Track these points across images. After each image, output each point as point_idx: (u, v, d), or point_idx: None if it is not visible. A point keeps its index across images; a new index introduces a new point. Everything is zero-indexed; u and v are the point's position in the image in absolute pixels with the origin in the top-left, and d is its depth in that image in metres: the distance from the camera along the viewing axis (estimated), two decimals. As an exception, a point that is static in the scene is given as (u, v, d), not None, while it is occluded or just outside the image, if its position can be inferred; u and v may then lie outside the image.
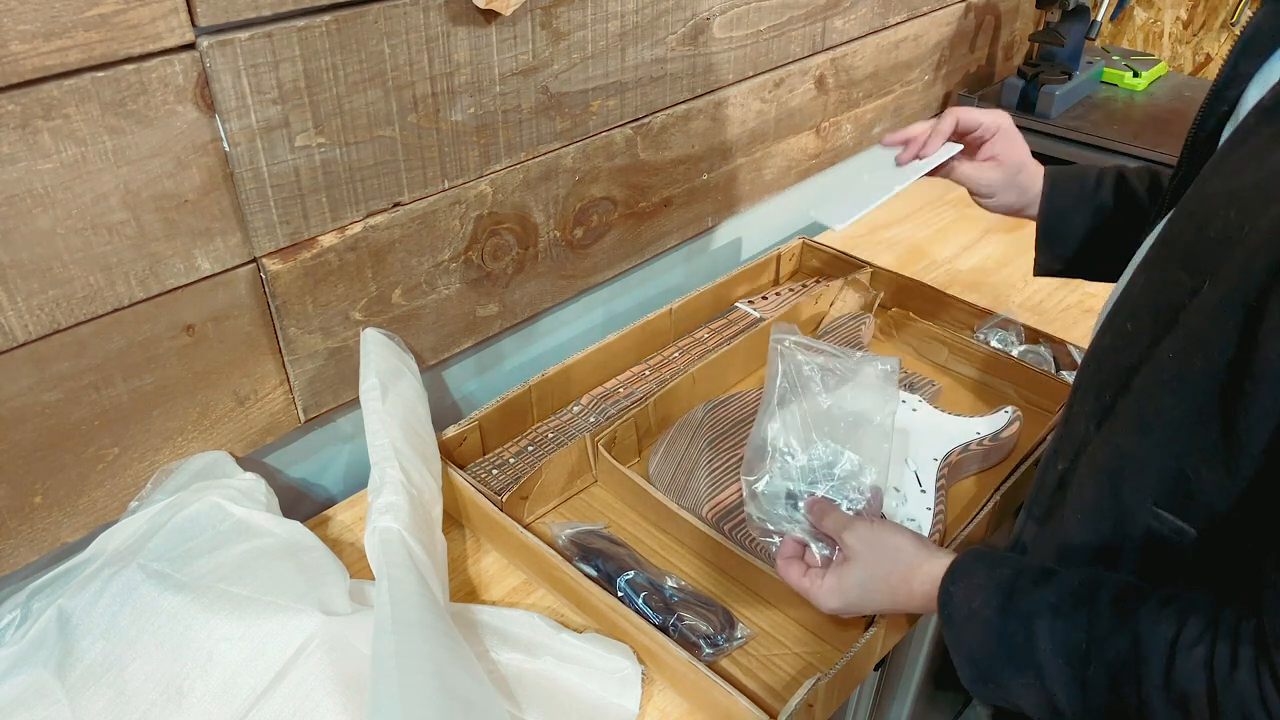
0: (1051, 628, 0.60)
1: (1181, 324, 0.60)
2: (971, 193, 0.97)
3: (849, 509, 0.82)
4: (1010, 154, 0.95)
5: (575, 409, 1.09)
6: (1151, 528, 0.63)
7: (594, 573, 0.87)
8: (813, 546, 0.80)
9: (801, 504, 0.82)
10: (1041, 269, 0.97)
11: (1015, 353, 1.18)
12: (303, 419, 0.95)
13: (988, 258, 1.44)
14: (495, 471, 1.00)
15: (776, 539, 0.83)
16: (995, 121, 0.95)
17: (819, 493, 0.82)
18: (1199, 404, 0.58)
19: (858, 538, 0.75)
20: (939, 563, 0.70)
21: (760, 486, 0.84)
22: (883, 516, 0.85)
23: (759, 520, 0.84)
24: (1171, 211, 0.67)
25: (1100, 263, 0.91)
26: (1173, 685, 0.54)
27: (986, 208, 0.98)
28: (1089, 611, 0.59)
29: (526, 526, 0.92)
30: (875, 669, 0.87)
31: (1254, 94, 0.63)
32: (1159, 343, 0.61)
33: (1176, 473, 0.61)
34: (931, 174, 0.96)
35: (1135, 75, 1.79)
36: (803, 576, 0.78)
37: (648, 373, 1.15)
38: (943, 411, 1.07)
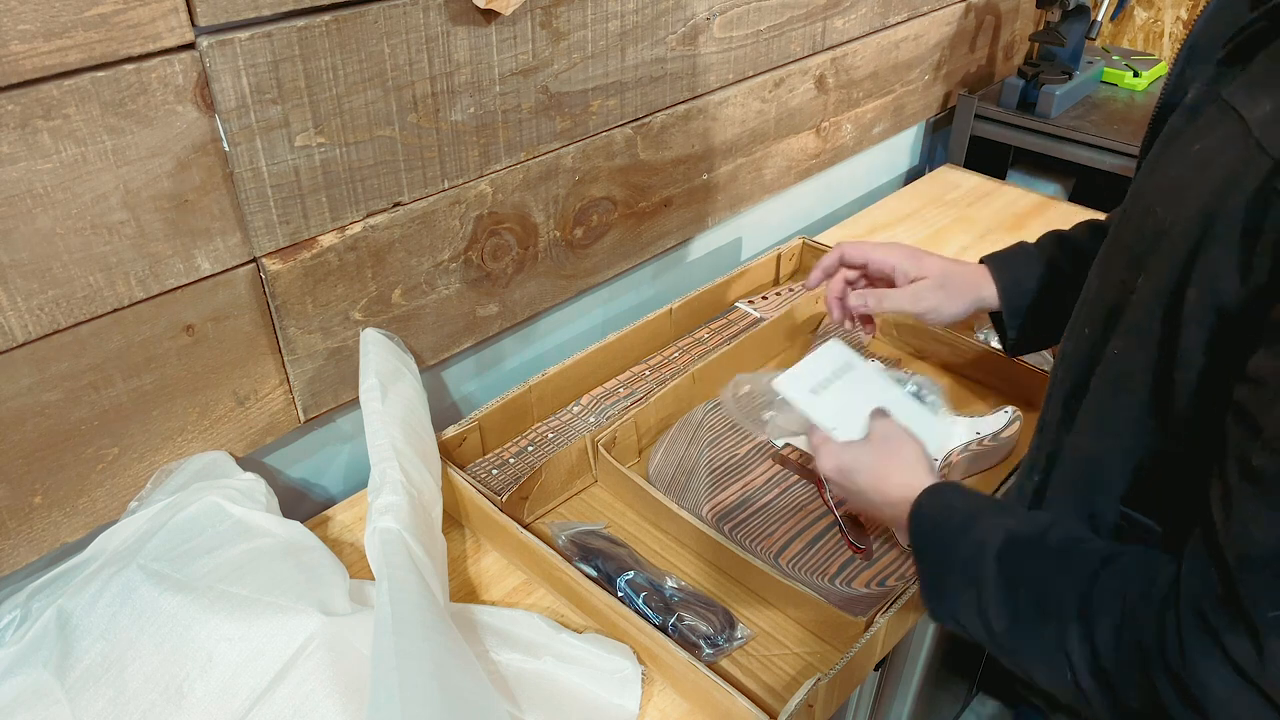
0: (999, 551, 0.63)
1: (1124, 321, 0.61)
2: (918, 317, 0.92)
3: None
4: (925, 269, 0.91)
5: (575, 409, 1.09)
6: (1121, 528, 0.65)
7: (594, 573, 0.87)
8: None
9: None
10: (1013, 347, 0.93)
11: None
12: (302, 419, 0.95)
13: (988, 258, 1.44)
14: (495, 471, 1.00)
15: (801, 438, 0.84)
16: (885, 254, 0.92)
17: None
18: (1144, 398, 0.60)
19: (883, 425, 0.80)
20: (924, 480, 0.73)
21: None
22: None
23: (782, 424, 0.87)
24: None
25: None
26: (1089, 617, 0.56)
27: (938, 323, 0.93)
28: (1036, 545, 0.62)
29: (526, 526, 0.92)
30: (875, 669, 0.87)
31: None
32: (1109, 342, 0.63)
33: (1136, 470, 0.62)
34: (866, 320, 0.97)
35: (1135, 75, 1.79)
36: (821, 438, 0.81)
37: (648, 373, 1.15)
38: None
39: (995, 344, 1.19)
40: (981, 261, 0.93)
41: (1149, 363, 0.59)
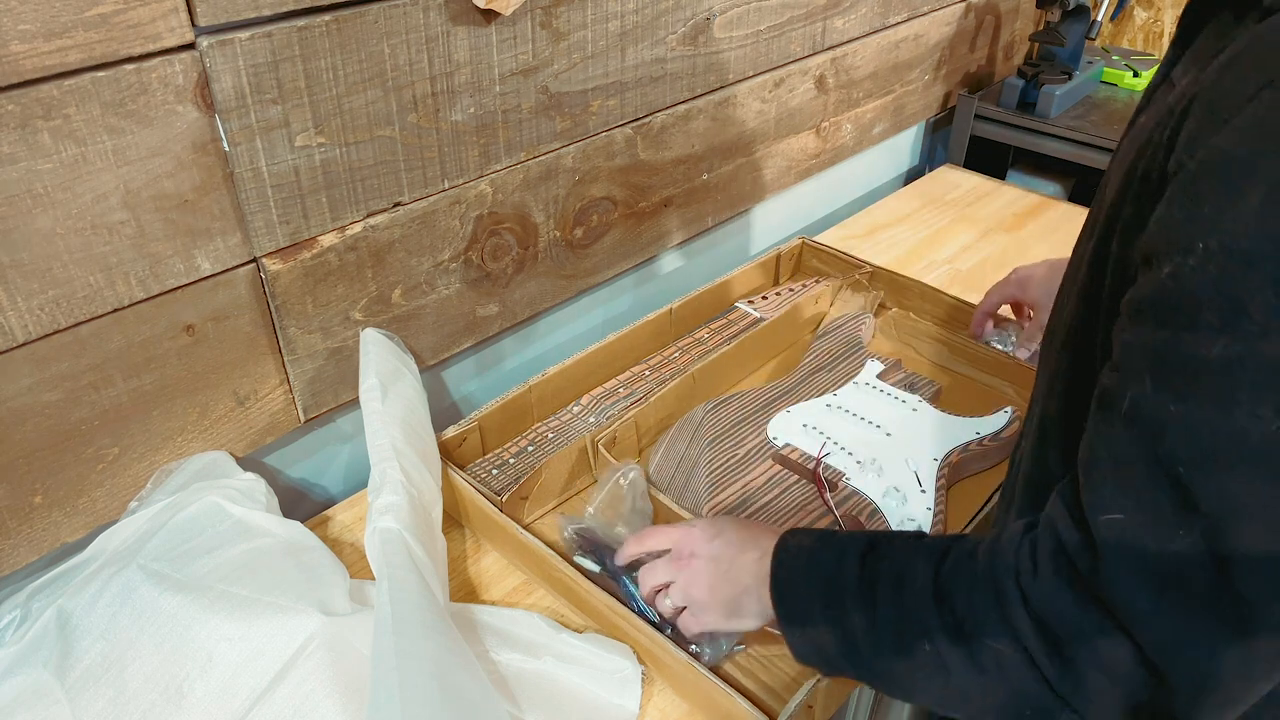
0: (860, 555, 0.63)
1: (1075, 284, 0.63)
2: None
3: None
4: (1035, 292, 1.06)
5: (575, 409, 1.09)
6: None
7: (597, 568, 0.87)
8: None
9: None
10: None
11: (1015, 353, 1.17)
12: (303, 419, 0.95)
13: (987, 258, 1.44)
14: (495, 471, 1.00)
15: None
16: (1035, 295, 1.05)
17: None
18: (1084, 357, 0.61)
19: (700, 527, 0.77)
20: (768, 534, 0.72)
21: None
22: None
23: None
24: None
25: None
26: (940, 579, 0.58)
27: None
28: (899, 541, 0.63)
29: (526, 526, 0.92)
30: (875, 669, 0.87)
31: None
32: (1067, 307, 0.65)
33: (1076, 425, 0.62)
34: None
35: (1135, 75, 1.79)
36: (681, 624, 0.77)
37: (648, 373, 1.15)
38: (943, 411, 1.07)
39: (995, 344, 1.19)
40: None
41: (1083, 321, 0.61)
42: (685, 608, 0.77)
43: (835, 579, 0.63)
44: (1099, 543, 0.50)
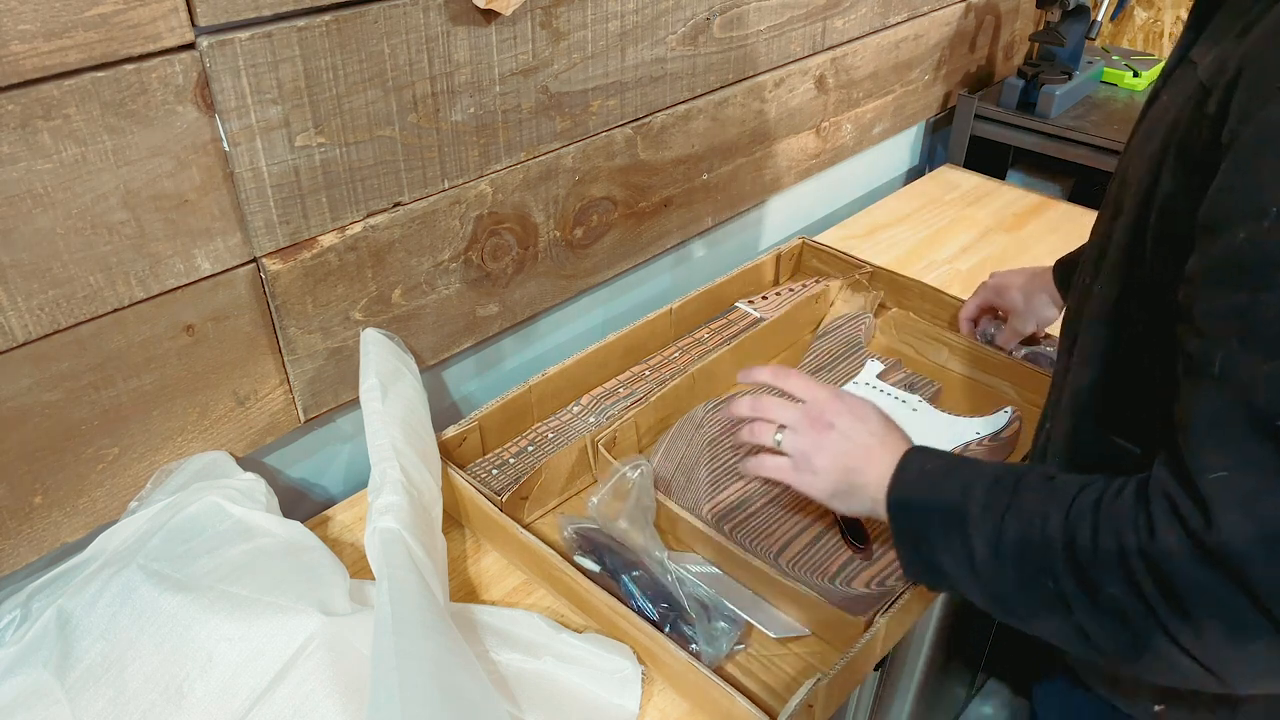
0: (987, 489, 0.66)
1: (1105, 262, 0.68)
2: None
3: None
4: (1012, 298, 1.12)
5: (575, 409, 1.09)
6: (1105, 454, 0.69)
7: (597, 568, 0.87)
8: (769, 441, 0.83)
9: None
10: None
11: (1015, 353, 1.18)
12: (303, 419, 0.95)
13: (987, 258, 1.44)
14: (495, 471, 1.00)
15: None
16: (1011, 302, 1.11)
17: None
18: (1117, 328, 0.67)
19: (824, 401, 0.80)
20: (898, 444, 0.77)
21: None
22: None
23: None
24: None
25: None
26: (1069, 524, 0.60)
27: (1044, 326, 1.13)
28: (1019, 481, 0.65)
29: (526, 526, 0.92)
30: (875, 669, 0.87)
31: None
32: (1095, 282, 0.70)
33: (1112, 397, 0.69)
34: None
35: (1135, 75, 1.79)
36: (775, 465, 0.82)
37: (648, 373, 1.15)
38: (943, 411, 1.07)
39: (992, 331, 1.19)
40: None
41: (1119, 294, 0.66)
42: (792, 459, 0.80)
43: (959, 507, 0.66)
44: (1208, 501, 0.52)
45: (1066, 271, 1.04)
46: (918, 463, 0.73)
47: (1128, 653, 0.58)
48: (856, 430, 0.78)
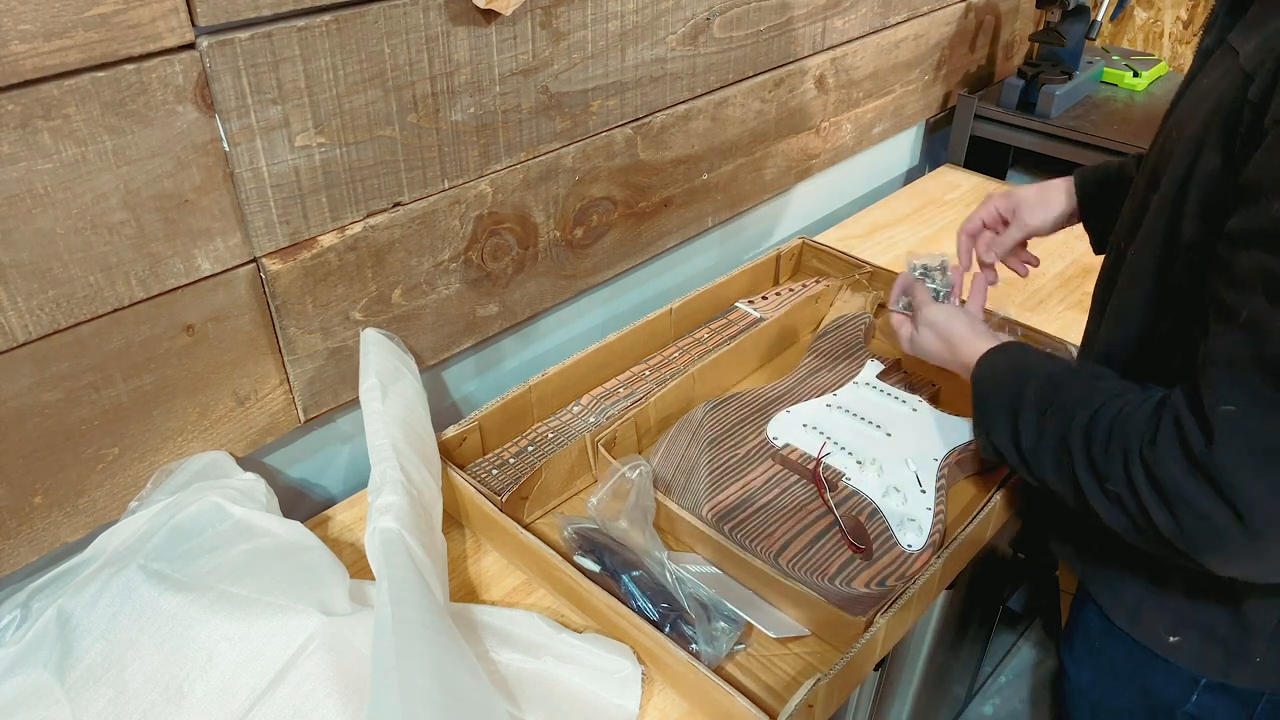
0: (1039, 386, 0.77)
1: (1142, 229, 0.75)
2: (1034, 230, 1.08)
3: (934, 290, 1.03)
4: (1027, 194, 1.07)
5: (575, 409, 1.09)
6: None
7: (597, 568, 0.87)
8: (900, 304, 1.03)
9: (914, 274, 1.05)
10: (1097, 240, 1.03)
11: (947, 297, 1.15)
12: (303, 419, 0.95)
13: (988, 258, 1.44)
14: (495, 471, 1.00)
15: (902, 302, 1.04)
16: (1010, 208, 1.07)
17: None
18: (1150, 288, 0.74)
19: (926, 318, 0.97)
20: (980, 344, 0.88)
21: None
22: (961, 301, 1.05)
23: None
24: None
25: None
26: (1093, 423, 0.70)
27: (1044, 227, 1.07)
28: (1069, 377, 0.76)
29: (526, 526, 0.92)
30: (875, 669, 0.87)
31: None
32: (1130, 246, 0.77)
33: (1142, 356, 0.77)
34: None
35: (1135, 75, 1.79)
36: (899, 314, 1.02)
37: (648, 373, 1.15)
38: (943, 412, 1.07)
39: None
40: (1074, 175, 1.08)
41: (1154, 257, 0.73)
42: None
43: (1017, 399, 0.79)
44: (1215, 429, 0.61)
45: (1085, 176, 1.03)
46: (988, 362, 0.85)
47: (1127, 533, 0.69)
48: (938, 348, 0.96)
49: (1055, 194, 1.03)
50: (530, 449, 1.04)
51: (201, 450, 0.89)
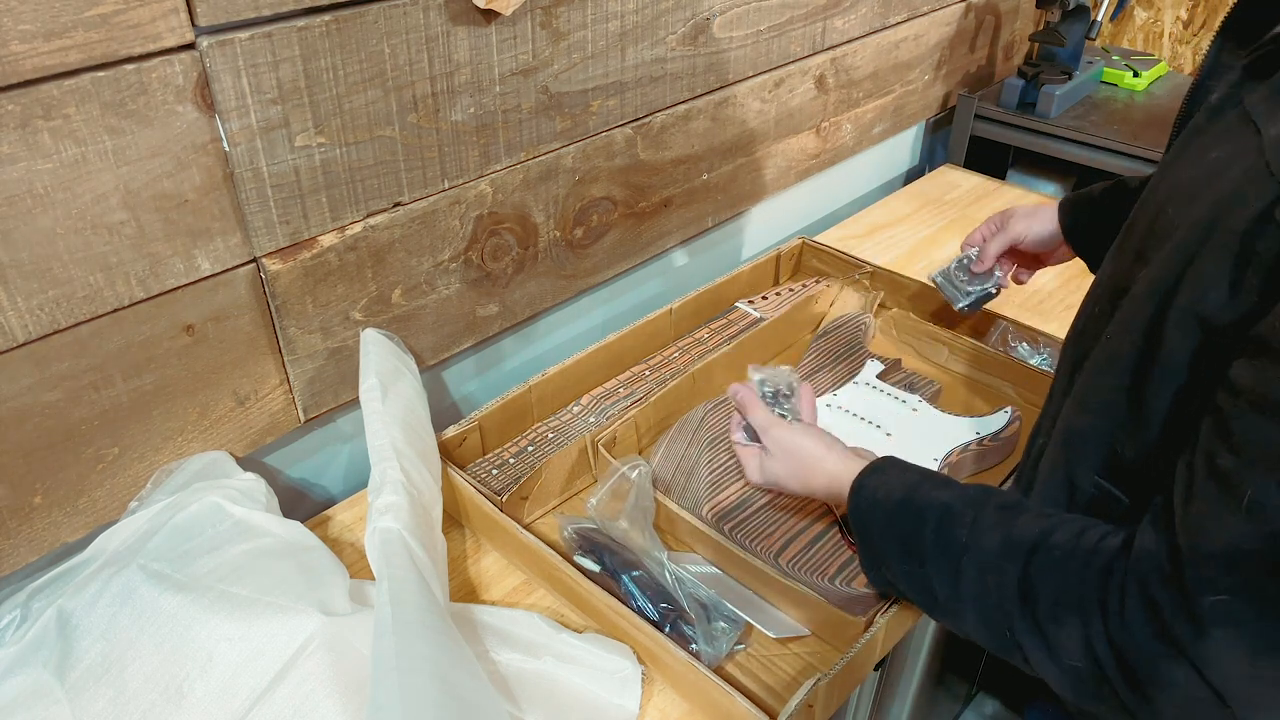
0: (939, 521, 0.68)
1: (1122, 307, 0.64)
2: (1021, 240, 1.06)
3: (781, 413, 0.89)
4: (1017, 211, 1.06)
5: (575, 409, 1.09)
6: (1094, 496, 0.68)
7: (597, 568, 0.87)
8: (741, 435, 0.89)
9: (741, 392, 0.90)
10: (1092, 264, 1.00)
11: (1015, 353, 1.18)
12: (303, 419, 0.95)
13: (988, 258, 1.44)
14: (495, 471, 1.00)
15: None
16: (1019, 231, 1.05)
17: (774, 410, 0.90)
18: (1125, 383, 0.63)
19: (773, 440, 0.85)
20: (846, 465, 0.79)
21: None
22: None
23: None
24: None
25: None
26: (1024, 584, 0.61)
27: (1032, 241, 1.05)
28: (975, 512, 0.67)
29: (526, 526, 0.92)
30: (875, 669, 0.87)
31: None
32: (1109, 324, 0.66)
33: (1111, 447, 0.66)
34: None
35: (1135, 75, 1.79)
36: (744, 446, 0.88)
37: (648, 373, 1.15)
38: (943, 411, 1.07)
39: (999, 345, 1.19)
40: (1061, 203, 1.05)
41: (1134, 351, 0.62)
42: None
43: (913, 539, 0.69)
44: (1204, 620, 0.52)
45: (1067, 201, 1.03)
46: (869, 488, 0.75)
47: (1081, 701, 0.60)
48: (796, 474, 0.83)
49: (1046, 210, 1.04)
50: (530, 449, 1.04)
51: (201, 450, 0.89)
